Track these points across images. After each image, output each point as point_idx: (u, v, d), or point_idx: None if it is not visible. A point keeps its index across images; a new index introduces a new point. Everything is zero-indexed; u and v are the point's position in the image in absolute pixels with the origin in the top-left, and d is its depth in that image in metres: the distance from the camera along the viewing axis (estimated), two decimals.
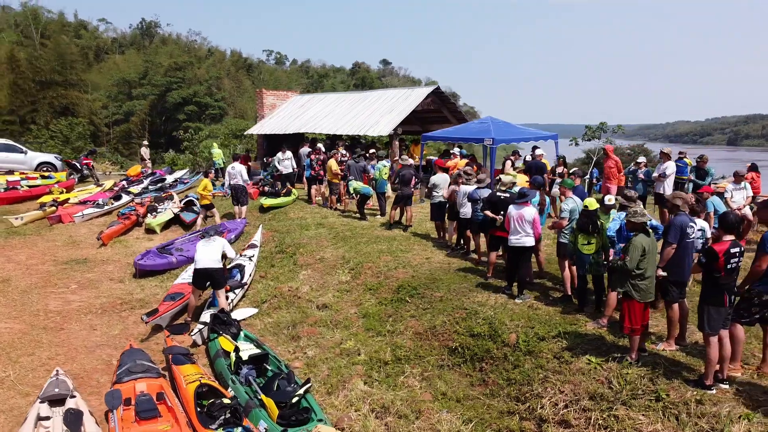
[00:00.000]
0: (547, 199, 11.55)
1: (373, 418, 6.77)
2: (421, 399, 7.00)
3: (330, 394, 7.42)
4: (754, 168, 14.36)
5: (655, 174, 12.70)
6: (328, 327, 9.07)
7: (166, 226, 15.39)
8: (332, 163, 15.40)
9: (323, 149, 16.56)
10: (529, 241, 8.55)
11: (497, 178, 11.36)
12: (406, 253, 11.35)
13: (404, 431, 6.51)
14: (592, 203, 8.05)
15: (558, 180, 14.40)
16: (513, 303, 8.51)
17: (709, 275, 5.89)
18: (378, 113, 19.96)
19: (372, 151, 15.78)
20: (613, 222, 8.02)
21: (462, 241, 11.43)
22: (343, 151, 16.84)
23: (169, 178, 21.51)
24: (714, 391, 5.90)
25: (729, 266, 5.72)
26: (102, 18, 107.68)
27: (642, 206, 8.18)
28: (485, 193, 10.00)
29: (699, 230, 9.35)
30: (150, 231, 14.96)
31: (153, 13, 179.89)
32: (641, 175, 13.01)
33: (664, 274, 6.86)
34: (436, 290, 9.24)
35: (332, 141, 20.37)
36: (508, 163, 15.14)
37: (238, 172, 15.24)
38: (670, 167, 12.57)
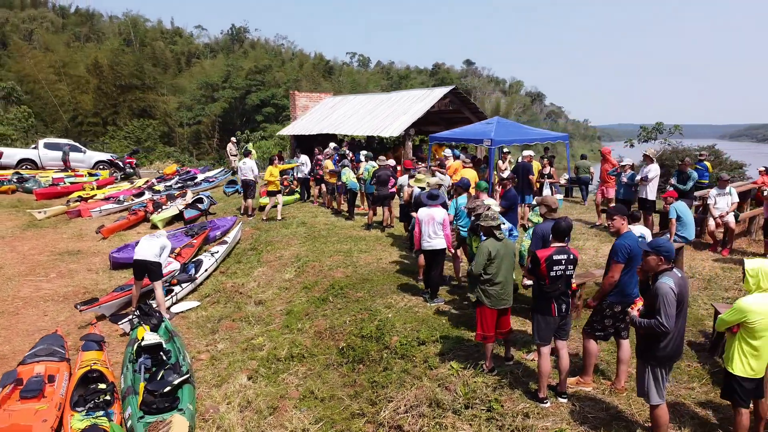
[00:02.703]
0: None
1: (236, 411, 6.98)
2: (288, 396, 7.13)
3: (217, 387, 7.69)
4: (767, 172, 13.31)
5: (637, 177, 12.02)
6: (249, 323, 9.36)
7: (171, 222, 16.18)
8: (328, 163, 15.68)
9: (320, 149, 16.85)
10: (440, 244, 8.41)
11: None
12: (364, 253, 11.42)
13: (254, 425, 6.68)
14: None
15: (547, 182, 14.00)
16: (422, 306, 8.43)
17: (538, 282, 5.65)
18: (395, 114, 20.04)
19: (364, 152, 15.87)
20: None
21: None
22: (347, 151, 17.04)
23: (200, 177, 22.60)
24: (548, 405, 5.66)
25: (553, 273, 5.45)
26: (198, 25, 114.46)
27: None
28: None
29: (638, 237, 8.90)
30: (155, 227, 15.82)
31: (243, 19, 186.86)
32: (624, 179, 12.33)
33: (530, 282, 6.60)
34: (360, 291, 9.28)
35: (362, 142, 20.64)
36: (501, 163, 14.81)
37: (249, 167, 15.78)
38: (653, 170, 11.87)
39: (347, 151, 17.09)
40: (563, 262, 5.48)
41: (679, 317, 4.69)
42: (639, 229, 8.94)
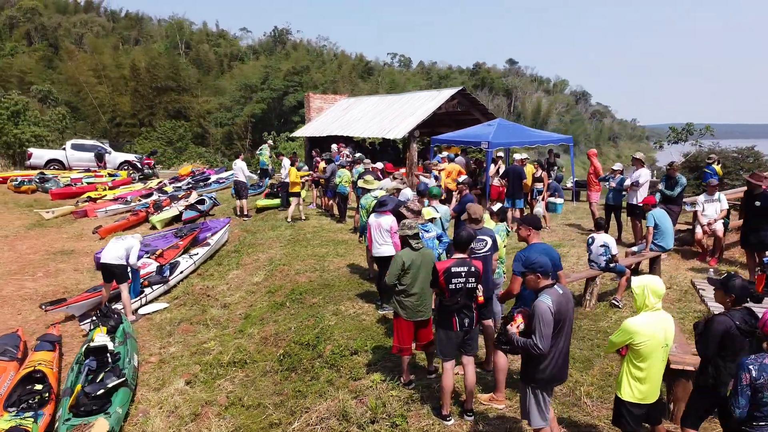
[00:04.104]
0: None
1: (163, 416, 6.98)
2: (216, 403, 7.10)
3: (157, 391, 7.72)
4: None
5: (627, 182, 11.54)
6: (207, 326, 9.39)
7: (171, 223, 16.35)
8: (322, 166, 15.68)
9: (318, 151, 16.85)
10: (388, 251, 8.23)
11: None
12: (339, 257, 11.35)
13: (175, 431, 6.66)
14: (427, 213, 7.67)
15: (538, 186, 13.62)
16: (371, 314, 8.30)
17: (440, 296, 5.45)
18: (402, 116, 19.89)
19: (358, 155, 15.80)
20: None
21: None
22: (347, 152, 16.99)
23: (212, 178, 22.89)
24: (450, 423, 5.47)
25: (452, 286, 5.25)
26: (243, 27, 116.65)
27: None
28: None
29: (601, 246, 8.56)
30: (155, 228, 16.06)
31: (285, 21, 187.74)
32: (613, 184, 11.86)
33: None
34: (317, 296, 9.22)
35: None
36: (492, 167, 14.46)
37: (239, 168, 15.96)
38: (644, 175, 11.39)
39: (347, 152, 17.04)
40: (463, 274, 5.27)
41: (560, 337, 4.42)
42: (603, 238, 8.60)
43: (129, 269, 10.00)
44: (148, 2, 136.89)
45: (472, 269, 5.31)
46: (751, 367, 3.60)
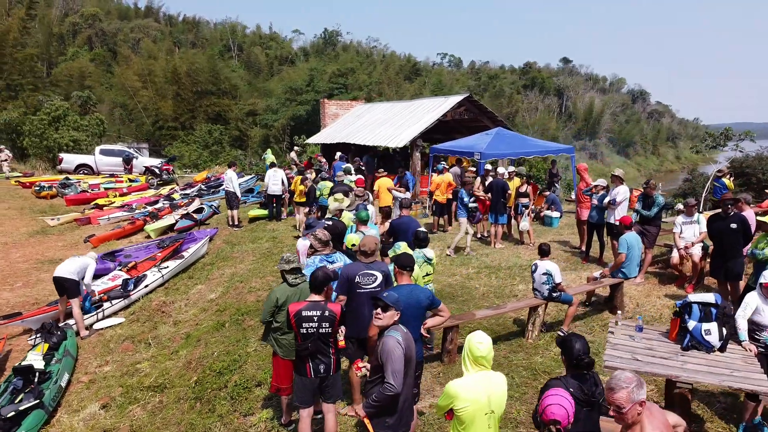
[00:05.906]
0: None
1: None
2: (117, 431, 6.99)
3: (75, 413, 7.69)
4: None
5: (606, 200, 10.85)
6: (148, 345, 9.32)
7: (166, 232, 16.43)
8: (313, 176, 15.51)
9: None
10: None
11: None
12: None
13: None
14: (351, 240, 7.34)
15: (524, 201, 13.04)
16: None
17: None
18: (407, 124, 19.51)
19: (345, 166, 15.52)
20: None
21: None
22: (323, 161, 16.80)
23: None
24: None
25: (303, 330, 4.94)
26: (296, 29, 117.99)
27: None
28: None
29: (544, 274, 8.06)
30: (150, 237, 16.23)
31: (335, 22, 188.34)
32: (595, 201, 11.17)
33: (341, 328, 6.02)
34: (255, 318, 9.01)
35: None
36: (478, 180, 13.89)
37: (229, 178, 15.94)
38: (621, 193, 10.68)
39: (322, 161, 16.90)
40: (315, 318, 4.95)
41: (406, 380, 4.10)
42: (545, 266, 8.08)
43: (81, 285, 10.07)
44: (206, 6, 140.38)
45: (326, 313, 4.97)
46: None
